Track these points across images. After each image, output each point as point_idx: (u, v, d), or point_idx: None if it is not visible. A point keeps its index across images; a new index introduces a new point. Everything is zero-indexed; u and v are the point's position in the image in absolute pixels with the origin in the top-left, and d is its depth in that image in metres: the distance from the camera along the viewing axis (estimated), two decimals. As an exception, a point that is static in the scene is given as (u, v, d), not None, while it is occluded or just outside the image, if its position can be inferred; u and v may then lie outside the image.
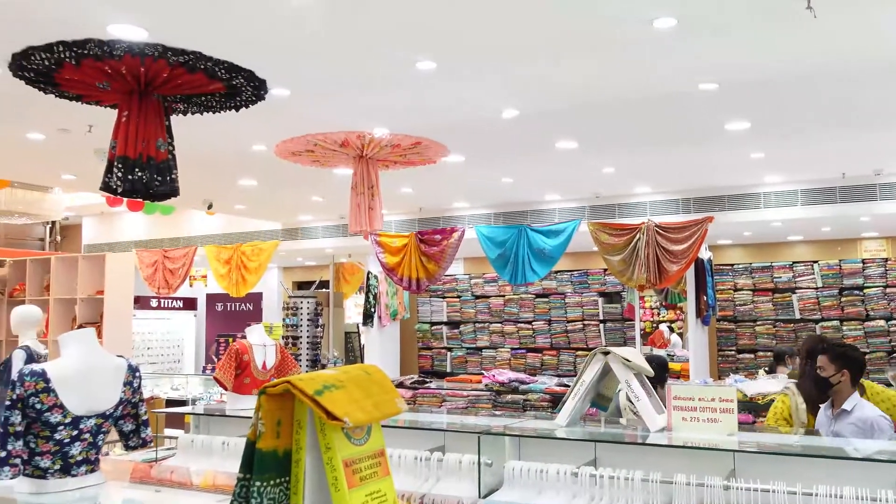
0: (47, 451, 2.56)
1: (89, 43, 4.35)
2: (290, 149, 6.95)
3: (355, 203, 6.91)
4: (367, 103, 5.84)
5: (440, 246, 9.88)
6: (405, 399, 2.44)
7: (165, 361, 14.86)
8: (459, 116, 6.20)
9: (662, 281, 8.74)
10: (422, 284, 10.05)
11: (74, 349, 2.74)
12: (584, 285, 12.37)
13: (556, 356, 12.35)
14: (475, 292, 13.26)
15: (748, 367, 11.38)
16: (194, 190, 9.17)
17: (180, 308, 15.53)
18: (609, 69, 5.04)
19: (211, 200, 10.33)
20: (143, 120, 4.85)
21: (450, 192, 10.04)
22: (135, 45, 4.38)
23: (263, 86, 5.17)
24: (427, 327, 13.61)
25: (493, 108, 5.94)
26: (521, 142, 7.07)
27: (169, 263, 12.09)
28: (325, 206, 10.78)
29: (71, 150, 7.35)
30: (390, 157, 7.13)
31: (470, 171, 8.43)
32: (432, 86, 5.34)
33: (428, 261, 9.99)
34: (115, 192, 4.82)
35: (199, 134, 6.60)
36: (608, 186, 9.38)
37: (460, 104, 5.87)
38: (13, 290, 9.73)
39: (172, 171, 4.99)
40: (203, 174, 8.46)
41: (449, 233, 9.86)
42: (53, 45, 4.39)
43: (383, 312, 12.28)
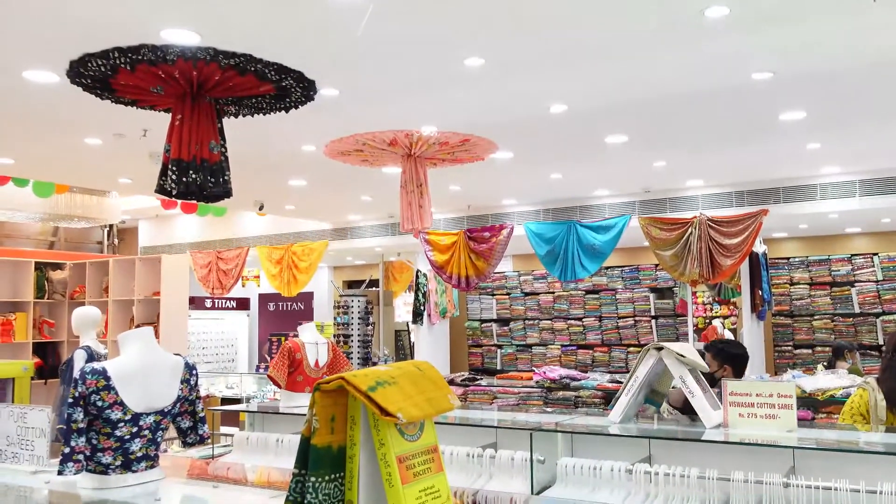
0: (108, 448, 2.62)
1: (143, 48, 4.44)
2: (339, 148, 7.01)
3: (405, 202, 6.94)
4: (415, 102, 5.85)
5: (489, 243, 9.87)
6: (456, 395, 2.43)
7: (220, 361, 15.13)
8: (507, 113, 6.17)
9: (716, 276, 8.60)
10: (471, 282, 10.06)
11: (133, 348, 2.80)
12: (636, 281, 12.24)
13: (608, 353, 12.24)
14: (524, 289, 13.22)
15: (806, 362, 11.12)
16: (246, 191, 9.30)
17: (234, 308, 15.79)
18: (659, 61, 4.97)
19: (262, 201, 10.46)
20: (195, 123, 4.93)
21: (498, 189, 10.02)
22: (187, 50, 4.46)
23: (312, 86, 5.22)
24: (477, 325, 13.61)
25: (542, 103, 5.91)
26: (569, 137, 7.01)
27: (222, 264, 12.31)
28: (374, 205, 10.85)
29: (127, 154, 7.52)
30: (438, 155, 7.14)
31: (518, 168, 8.39)
32: (480, 83, 5.33)
33: (477, 258, 9.99)
34: (170, 195, 4.91)
35: (250, 135, 6.69)
36: (659, 180, 9.26)
37: (508, 100, 5.84)
38: (74, 293, 10.00)
39: (225, 172, 5.06)
40: (254, 175, 8.58)
41: (497, 230, 9.85)
42: (109, 52, 4.49)
43: (433, 310, 12.31)
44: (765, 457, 3.11)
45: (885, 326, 10.71)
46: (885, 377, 4.01)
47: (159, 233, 14.92)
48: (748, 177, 9.06)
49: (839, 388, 6.24)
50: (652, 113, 6.23)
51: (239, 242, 13.46)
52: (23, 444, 3.01)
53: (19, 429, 3.03)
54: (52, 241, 15.31)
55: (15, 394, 5.00)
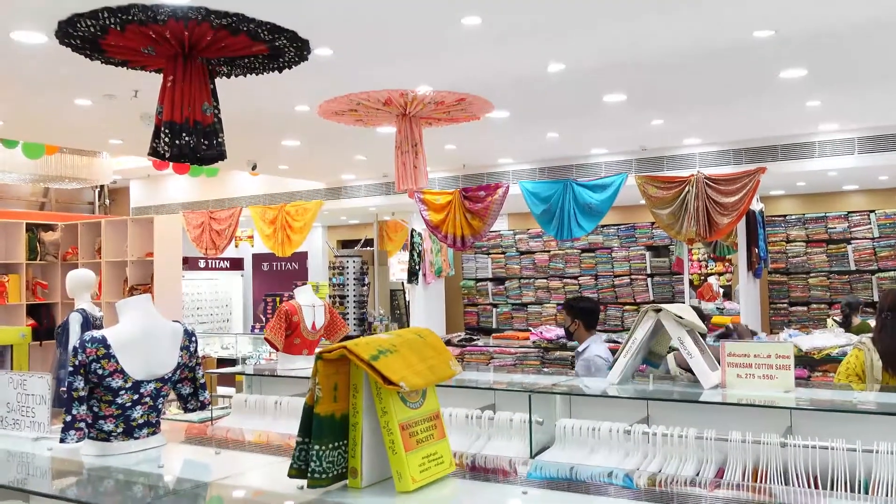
0: (110, 415, 2.65)
1: (133, 8, 4.38)
2: (333, 108, 6.96)
3: (400, 162, 6.91)
4: (410, 61, 5.80)
5: (484, 202, 9.85)
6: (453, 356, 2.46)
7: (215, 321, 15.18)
8: (504, 72, 6.13)
9: (713, 234, 8.62)
10: (466, 241, 10.06)
11: (132, 315, 2.81)
12: (632, 239, 12.27)
13: (604, 311, 12.30)
14: (520, 248, 13.25)
15: (801, 319, 11.22)
16: (239, 151, 9.25)
17: (227, 268, 15.79)
18: (659, 19, 4.92)
19: (255, 161, 10.41)
20: (188, 84, 4.88)
21: (494, 149, 9.99)
22: (178, 9, 4.40)
23: (306, 46, 5.17)
24: (472, 284, 13.67)
25: (539, 62, 5.86)
26: (567, 96, 6.98)
27: (215, 224, 12.27)
28: (368, 164, 10.81)
29: (117, 115, 7.46)
30: (434, 115, 7.09)
31: (515, 127, 8.36)
32: (477, 42, 5.28)
33: (472, 217, 9.98)
34: (164, 157, 4.89)
35: (243, 96, 6.63)
36: (656, 139, 9.23)
37: (505, 60, 5.80)
38: (66, 254, 9.99)
39: (219, 134, 5.03)
40: (247, 136, 8.52)
41: (493, 189, 9.82)
42: (98, 12, 4.43)
43: (428, 270, 12.34)
44: (762, 417, 3.15)
45: (881, 283, 10.78)
46: (881, 337, 4.03)
47: (151, 193, 14.86)
48: (746, 135, 9.04)
49: (835, 347, 6.30)
50: (651, 72, 6.19)
51: (232, 202, 13.43)
52: (23, 411, 3.03)
53: (20, 395, 3.05)
54: (43, 203, 15.25)
55: (14, 360, 5.03)
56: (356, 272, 11.30)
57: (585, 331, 5.32)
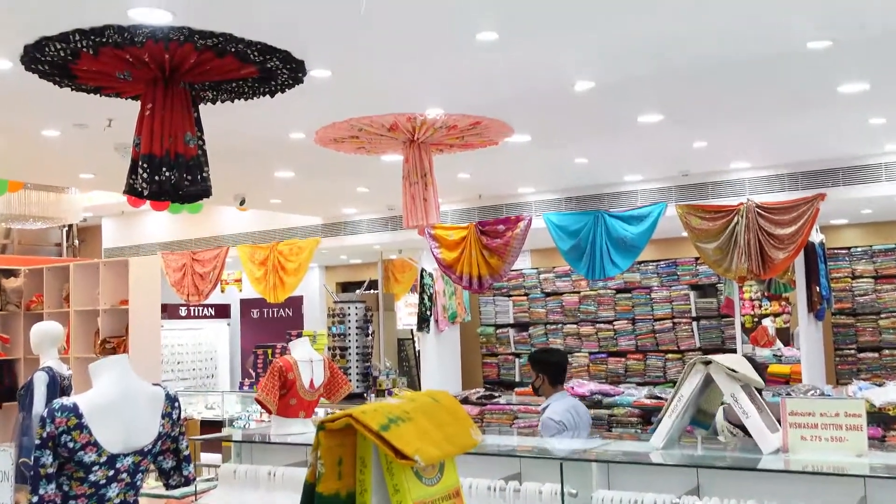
0: (82, 495, 2.64)
1: (108, 30, 4.46)
2: (331, 135, 7.02)
3: (408, 194, 6.95)
4: (418, 82, 5.85)
5: (504, 237, 9.87)
6: (471, 416, 2.42)
7: (198, 377, 15.19)
8: (525, 91, 6.16)
9: (767, 271, 8.60)
10: (484, 282, 10.07)
11: (108, 378, 2.82)
12: (673, 277, 12.24)
13: (643, 360, 12.25)
14: (545, 289, 13.23)
15: (872, 368, 11.10)
16: (225, 184, 9.32)
17: (212, 316, 15.84)
18: (700, 27, 4.96)
19: (244, 195, 10.49)
20: (169, 112, 4.94)
21: (514, 177, 10.02)
22: (158, 30, 4.48)
23: (302, 67, 5.23)
24: (491, 331, 13.65)
25: (565, 79, 5.91)
26: (596, 116, 7.01)
27: (198, 267, 12.34)
28: (372, 197, 10.87)
29: (89, 146, 7.55)
30: (446, 140, 7.15)
31: (537, 152, 8.39)
32: (494, 58, 5.33)
33: (490, 255, 10.00)
34: (141, 195, 4.93)
35: (230, 123, 6.69)
36: (699, 163, 9.25)
37: (526, 77, 5.84)
38: (30, 303, 10.02)
39: (203, 168, 5.08)
40: (235, 167, 8.60)
41: (514, 222, 9.85)
42: (69, 34, 4.51)
43: (440, 315, 12.32)
44: (832, 487, 3.11)
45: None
46: None
47: (126, 232, 14.97)
48: (802, 157, 9.04)
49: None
50: (691, 86, 6.22)
51: (217, 241, 13.51)
52: (-17, 490, 3.03)
53: (-22, 471, 3.05)
54: (5, 245, 15.37)
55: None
56: (359, 320, 11.29)
57: (550, 386, 5.51)
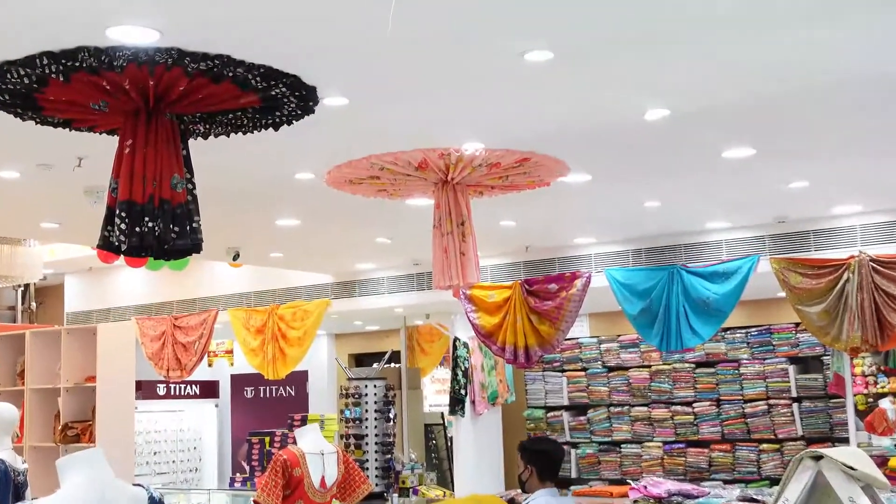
0: None
1: (82, 52, 4.54)
2: (347, 176, 7.08)
3: (440, 247, 6.96)
4: (453, 110, 5.90)
5: (556, 299, 9.84)
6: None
7: (179, 471, 15.17)
8: (584, 122, 6.19)
9: (885, 341, 8.50)
10: (532, 354, 10.00)
11: (77, 478, 2.83)
12: (768, 348, 12.12)
13: (731, 452, 12.09)
14: (608, 362, 13.14)
15: None
16: (215, 235, 9.39)
17: (197, 396, 15.86)
18: (803, 40, 4.97)
19: (238, 249, 10.55)
20: (152, 149, 5.00)
21: (569, 224, 10.03)
22: (142, 52, 4.55)
23: (313, 95, 5.29)
24: (541, 414, 13.53)
25: (633, 107, 5.93)
26: (671, 151, 7.03)
27: (181, 335, 12.39)
28: (394, 249, 10.90)
29: (54, 191, 7.66)
30: (486, 181, 7.18)
31: (598, 194, 8.41)
32: (546, 82, 5.37)
33: (540, 320, 9.96)
34: (118, 251, 4.98)
35: (224, 162, 6.78)
36: (798, 207, 9.21)
37: (586, 106, 5.87)
38: None
39: (193, 217, 5.12)
40: (227, 214, 8.69)
41: (569, 280, 9.82)
42: (36, 58, 4.59)
43: (478, 395, 12.24)
44: None
45: None
46: None
47: (93, 293, 15.07)
48: (926, 199, 9.01)
49: None
50: (790, 114, 6.22)
51: (204, 303, 13.57)
52: None
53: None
54: (-53, 309, 15.56)
55: None
56: (378, 401, 11.25)
57: (539, 481, 5.76)
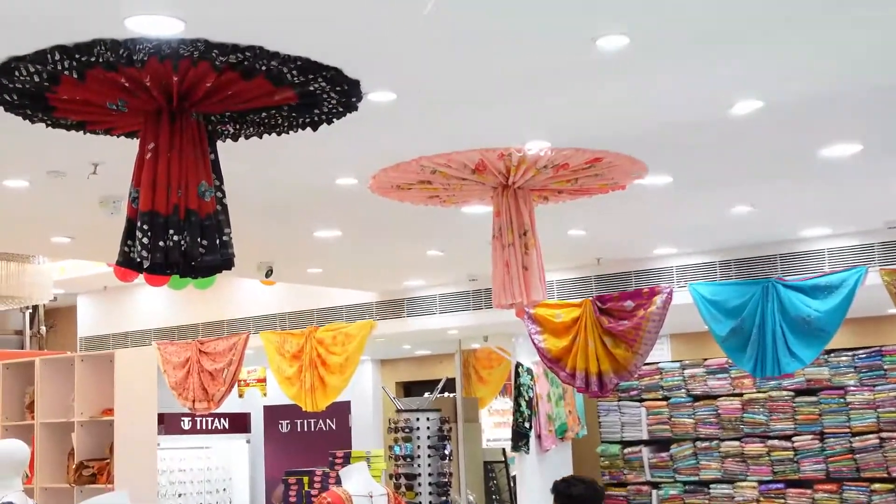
0: None
1: (98, 45, 4.56)
2: (394, 180, 7.09)
3: (500, 260, 6.94)
4: (515, 105, 5.89)
5: (633, 318, 9.80)
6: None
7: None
8: (663, 116, 6.17)
9: None
10: (606, 381, 9.99)
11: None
12: (879, 373, 12.02)
13: (837, 493, 12.01)
14: (693, 390, 13.11)
15: None
16: (246, 249, 9.42)
17: (226, 430, 15.92)
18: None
19: (271, 264, 10.59)
20: (177, 154, 5.00)
21: (648, 233, 9.99)
22: (164, 44, 4.57)
23: (356, 90, 5.29)
24: (616, 450, 13.49)
25: (719, 99, 5.89)
26: (764, 149, 6.99)
27: (207, 362, 12.45)
28: (447, 263, 10.90)
29: (66, 201, 7.75)
30: (553, 185, 7.15)
31: (680, 199, 8.38)
32: (620, 73, 5.34)
33: (614, 343, 9.93)
34: (140, 268, 5.00)
35: (256, 167, 6.83)
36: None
37: (665, 97, 5.85)
38: None
39: (223, 229, 5.12)
40: (259, 225, 8.73)
41: (647, 296, 9.79)
42: (47, 53, 4.62)
43: (544, 428, 12.20)
44: None
45: None
46: None
47: (109, 314, 15.18)
48: None
49: None
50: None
51: (234, 326, 13.63)
52: None
53: None
54: (-52, 334, 15.76)
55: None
56: (431, 435, 11.25)
57: None
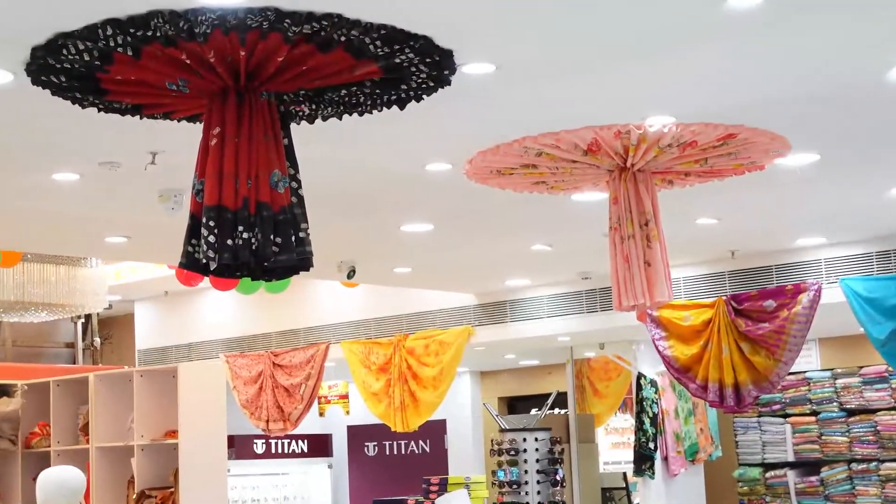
0: None
1: (155, 18, 4.60)
2: (493, 164, 7.09)
3: (619, 256, 6.90)
4: (632, 75, 5.87)
5: (775, 320, 9.75)
6: None
7: (284, 551, 15.43)
8: (806, 84, 6.13)
9: None
10: (744, 394, 9.95)
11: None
12: None
13: None
14: (847, 404, 13.02)
15: None
16: (324, 246, 9.48)
17: (305, 454, 16.02)
18: None
19: (353, 263, 10.64)
20: (245, 140, 5.01)
21: (790, 221, 9.91)
22: (229, 14, 4.59)
23: (448, 61, 5.29)
24: (757, 474, 13.42)
25: (876, 61, 5.82)
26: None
27: (282, 376, 12.56)
28: (555, 259, 10.90)
29: (121, 196, 7.89)
30: (678, 167, 7.11)
31: (828, 180, 8.30)
32: (757, 32, 5.29)
33: (753, 349, 9.88)
34: (206, 270, 5.04)
35: (334, 153, 6.88)
36: None
37: (808, 62, 5.80)
38: (31, 436, 10.33)
39: (299, 225, 5.13)
40: (338, 219, 8.80)
41: (791, 294, 9.75)
42: (98, 28, 4.67)
43: (671, 450, 12.13)
44: None
45: None
46: None
47: (170, 324, 15.34)
48: None
49: None
50: None
51: (311, 335, 13.68)
52: None
53: None
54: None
55: None
56: (541, 458, 11.24)
57: None
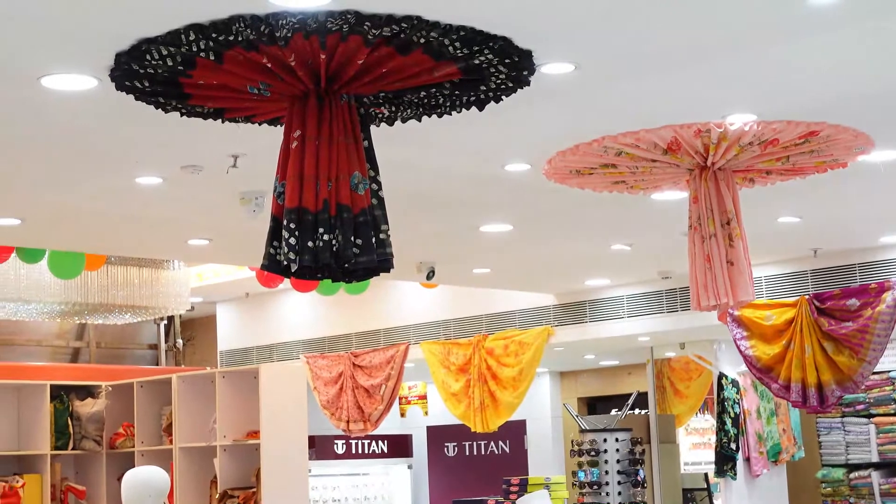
0: None
1: (237, 23, 4.64)
2: (572, 164, 7.07)
3: (700, 255, 6.86)
4: (713, 73, 5.84)
5: (859, 319, 9.69)
6: None
7: (364, 550, 15.45)
8: (889, 80, 6.06)
9: None
10: (827, 394, 9.89)
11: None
12: None
13: None
14: (934, 403, 12.78)
15: None
16: (403, 248, 9.50)
17: (385, 455, 16.03)
18: None
19: (432, 264, 10.64)
20: (326, 142, 5.04)
21: (874, 218, 9.80)
22: (310, 18, 4.61)
23: (528, 62, 5.28)
24: (841, 475, 13.23)
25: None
26: None
27: (362, 377, 12.60)
28: (635, 259, 10.85)
29: (203, 199, 7.97)
30: (759, 165, 7.06)
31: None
32: (840, 26, 5.23)
33: (836, 349, 9.81)
34: (288, 272, 5.07)
35: (412, 154, 6.90)
36: None
37: (891, 57, 5.72)
38: (115, 437, 10.45)
39: (380, 226, 5.15)
40: (417, 220, 8.83)
41: (875, 293, 9.72)
42: (181, 33, 4.72)
43: (753, 450, 12.03)
44: None
45: None
46: None
47: (252, 325, 15.44)
48: None
49: None
50: None
51: (391, 336, 13.70)
52: None
53: None
54: (77, 349, 16.15)
55: None
56: (622, 459, 11.19)
57: None
